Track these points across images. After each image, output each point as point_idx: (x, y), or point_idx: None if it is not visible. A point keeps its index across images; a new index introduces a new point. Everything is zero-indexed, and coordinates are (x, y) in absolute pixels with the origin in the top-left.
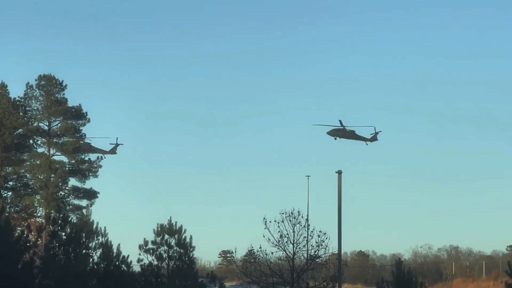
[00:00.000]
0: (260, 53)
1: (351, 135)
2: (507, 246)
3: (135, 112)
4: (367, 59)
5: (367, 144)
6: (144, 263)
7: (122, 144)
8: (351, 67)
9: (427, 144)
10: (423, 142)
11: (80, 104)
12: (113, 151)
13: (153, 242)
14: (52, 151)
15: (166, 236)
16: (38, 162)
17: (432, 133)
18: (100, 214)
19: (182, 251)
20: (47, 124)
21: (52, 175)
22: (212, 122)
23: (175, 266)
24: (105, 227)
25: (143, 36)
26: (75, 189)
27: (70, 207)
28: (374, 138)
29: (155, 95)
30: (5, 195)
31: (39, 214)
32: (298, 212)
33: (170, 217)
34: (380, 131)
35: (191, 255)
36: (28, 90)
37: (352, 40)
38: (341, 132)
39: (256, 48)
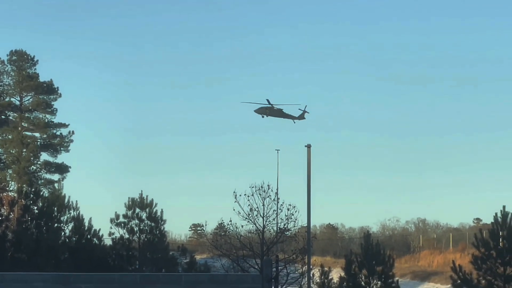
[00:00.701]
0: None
1: (279, 113)
2: (474, 219)
3: (107, 85)
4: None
5: (294, 122)
6: (116, 236)
7: (308, 113)
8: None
9: (395, 120)
10: (388, 121)
11: (51, 79)
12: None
13: (125, 216)
14: (24, 126)
15: (137, 210)
16: (10, 136)
17: (399, 109)
18: (72, 189)
19: (153, 224)
20: (19, 99)
21: (24, 150)
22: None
23: (146, 239)
24: (76, 201)
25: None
26: (47, 164)
27: (42, 181)
28: (301, 117)
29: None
30: None
31: (11, 188)
32: (268, 185)
33: (141, 191)
34: (308, 112)
35: (162, 229)
36: (0, 65)
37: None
38: (269, 110)
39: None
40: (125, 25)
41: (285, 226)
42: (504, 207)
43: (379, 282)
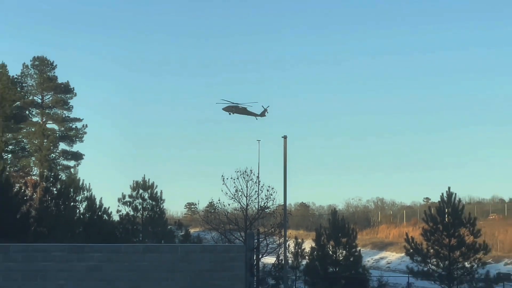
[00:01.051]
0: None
1: (244, 111)
2: (424, 198)
3: (115, 86)
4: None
5: (256, 119)
6: (122, 213)
7: (269, 107)
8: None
9: (352, 107)
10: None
11: (68, 81)
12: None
13: (130, 196)
14: (45, 120)
15: (141, 191)
16: (33, 129)
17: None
18: (85, 173)
19: (153, 203)
20: (41, 97)
21: (45, 140)
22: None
23: (148, 216)
24: (89, 183)
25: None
26: (64, 152)
27: (60, 167)
28: (263, 114)
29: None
30: (5, 157)
31: (34, 173)
32: (251, 170)
33: (144, 175)
34: (268, 107)
35: (161, 207)
36: (24, 69)
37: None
38: (235, 109)
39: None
40: (125, 27)
41: (265, 205)
42: (449, 188)
43: (344, 251)
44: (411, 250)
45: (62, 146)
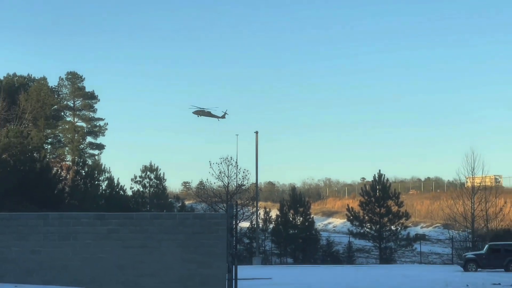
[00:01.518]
0: None
1: (208, 114)
2: (361, 177)
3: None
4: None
5: (218, 120)
6: (134, 189)
7: (228, 114)
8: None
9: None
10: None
11: (93, 90)
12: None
13: (140, 177)
14: (75, 120)
15: (148, 173)
16: (66, 126)
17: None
18: (106, 159)
19: (158, 182)
20: (72, 103)
21: (76, 135)
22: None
23: (153, 191)
24: (109, 167)
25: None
26: (90, 143)
27: (87, 155)
28: (223, 116)
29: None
30: (46, 147)
31: (67, 160)
32: (231, 157)
33: (151, 160)
34: (227, 110)
35: (163, 185)
36: (60, 81)
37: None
38: (201, 112)
39: None
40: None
41: (241, 183)
42: (379, 170)
43: (301, 217)
44: (351, 217)
45: (89, 139)
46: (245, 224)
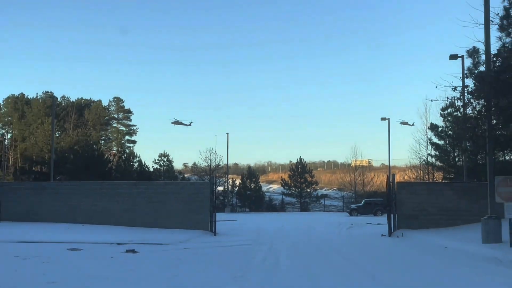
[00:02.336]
0: None
1: (180, 123)
2: (289, 160)
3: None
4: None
5: (187, 126)
6: (155, 167)
7: (192, 122)
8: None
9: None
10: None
11: (129, 108)
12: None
13: (157, 160)
14: (119, 126)
15: (163, 157)
16: (113, 130)
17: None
18: (138, 149)
19: (168, 163)
20: (116, 115)
21: (119, 134)
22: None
23: (165, 168)
24: (139, 154)
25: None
26: (128, 140)
27: (126, 146)
28: (190, 124)
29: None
30: (101, 142)
31: (114, 149)
32: (212, 148)
33: (164, 150)
34: (192, 122)
35: (172, 165)
36: (110, 102)
37: None
38: (176, 122)
39: None
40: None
41: (218, 164)
42: (300, 156)
43: (254, 184)
44: (283, 184)
45: (127, 137)
46: (220, 188)
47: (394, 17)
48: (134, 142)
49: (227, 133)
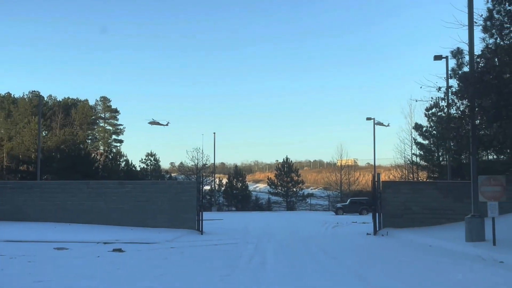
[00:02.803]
0: None
1: (158, 123)
2: (275, 160)
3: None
4: None
5: (164, 126)
6: (141, 167)
7: (169, 122)
8: None
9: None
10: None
11: (116, 107)
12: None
13: (144, 159)
14: (105, 125)
15: (149, 157)
16: (100, 129)
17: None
18: (125, 149)
19: (155, 162)
20: (103, 114)
21: (106, 134)
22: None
23: (152, 168)
24: (126, 153)
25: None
26: (115, 139)
27: (113, 146)
28: (167, 124)
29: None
30: (88, 141)
31: (100, 149)
32: (199, 148)
33: (151, 150)
34: (169, 122)
35: (159, 164)
36: (96, 102)
37: None
38: (154, 122)
39: None
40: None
41: (205, 163)
42: (287, 156)
43: (240, 183)
44: (270, 183)
45: (114, 136)
46: (207, 187)
47: (380, 19)
48: (121, 141)
49: (214, 133)
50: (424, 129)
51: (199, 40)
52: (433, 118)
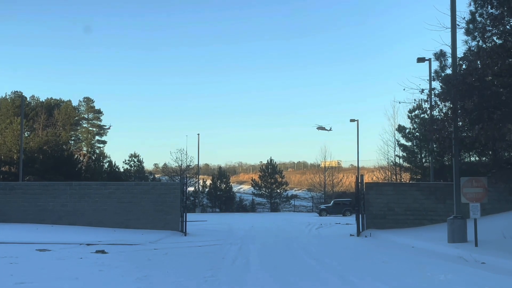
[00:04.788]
0: None
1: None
2: (259, 161)
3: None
4: None
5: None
6: (125, 168)
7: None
8: None
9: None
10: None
11: (100, 108)
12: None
13: (128, 160)
14: (89, 126)
15: (133, 158)
16: (83, 130)
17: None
18: (108, 150)
19: (138, 163)
20: (87, 115)
21: (89, 135)
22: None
23: (136, 169)
24: (110, 154)
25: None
26: (98, 140)
27: (96, 147)
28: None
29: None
30: (71, 142)
31: (84, 149)
32: (183, 149)
33: (135, 151)
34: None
35: (142, 165)
36: (80, 102)
37: None
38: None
39: None
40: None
41: (189, 164)
42: (271, 157)
43: (224, 185)
44: (254, 184)
45: (97, 137)
46: (191, 189)
47: (363, 20)
48: (104, 142)
49: (198, 134)
50: (407, 130)
51: (183, 40)
52: (416, 120)
